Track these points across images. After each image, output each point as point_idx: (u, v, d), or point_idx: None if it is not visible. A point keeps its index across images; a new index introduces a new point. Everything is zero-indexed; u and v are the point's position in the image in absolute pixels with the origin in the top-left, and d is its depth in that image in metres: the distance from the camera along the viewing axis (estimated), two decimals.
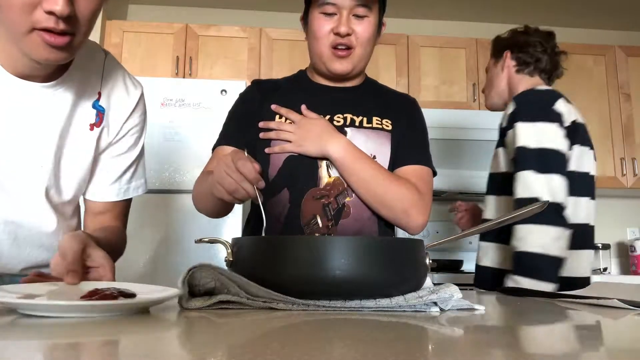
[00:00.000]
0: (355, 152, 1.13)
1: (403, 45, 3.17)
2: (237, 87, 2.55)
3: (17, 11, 0.74)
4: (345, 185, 1.15)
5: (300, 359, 0.38)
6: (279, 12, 3.45)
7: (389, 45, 3.13)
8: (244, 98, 1.28)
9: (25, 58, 0.83)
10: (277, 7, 3.42)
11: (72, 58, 0.85)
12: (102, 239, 0.88)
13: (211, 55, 3.03)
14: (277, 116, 1.20)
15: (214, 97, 2.52)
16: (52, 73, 0.90)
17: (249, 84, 2.86)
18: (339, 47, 1.16)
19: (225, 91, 2.53)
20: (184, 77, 2.96)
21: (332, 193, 1.15)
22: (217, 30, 3.06)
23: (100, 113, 0.98)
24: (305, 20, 1.23)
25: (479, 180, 2.84)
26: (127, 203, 1.09)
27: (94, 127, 0.98)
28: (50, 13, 0.74)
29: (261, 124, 1.19)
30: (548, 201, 1.33)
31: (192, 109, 2.50)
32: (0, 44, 0.85)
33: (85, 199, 1.06)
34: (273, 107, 1.20)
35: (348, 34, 1.14)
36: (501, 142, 1.50)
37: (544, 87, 1.53)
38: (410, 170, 1.18)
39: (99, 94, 0.98)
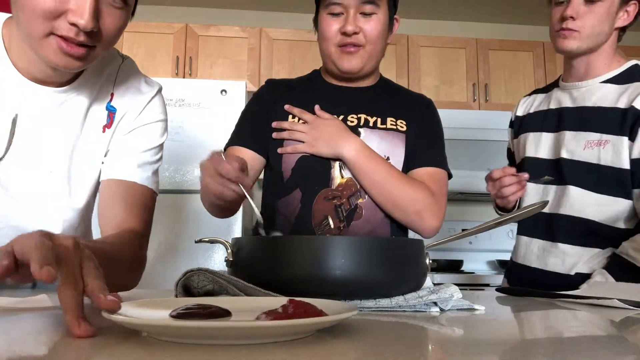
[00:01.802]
0: (369, 153, 1.12)
1: (403, 45, 3.17)
2: (237, 87, 2.55)
3: (39, 15, 0.73)
4: (358, 187, 1.14)
5: (300, 359, 0.38)
6: (279, 12, 3.45)
7: (389, 45, 3.13)
8: (257, 98, 1.27)
9: (42, 63, 0.83)
10: (277, 7, 3.42)
11: (86, 67, 0.85)
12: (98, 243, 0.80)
13: (211, 55, 3.03)
14: (291, 116, 1.19)
15: (214, 97, 2.52)
16: (67, 79, 0.90)
17: (249, 84, 2.87)
18: (347, 46, 1.15)
19: (225, 91, 2.53)
20: (184, 77, 2.96)
21: (344, 194, 1.14)
22: (217, 30, 3.06)
23: (112, 113, 0.96)
24: (316, 22, 1.22)
25: (479, 180, 2.84)
26: (144, 194, 0.97)
27: (106, 128, 0.96)
28: (73, 24, 0.74)
29: (274, 124, 1.18)
30: (547, 201, 1.29)
31: (192, 109, 2.50)
32: (17, 48, 0.85)
33: (100, 191, 0.96)
34: (286, 107, 1.19)
35: (355, 33, 1.13)
36: (626, 130, 1.17)
37: None
38: (424, 172, 1.16)
39: (112, 95, 0.97)
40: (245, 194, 0.85)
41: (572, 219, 1.24)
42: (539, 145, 1.34)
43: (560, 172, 1.28)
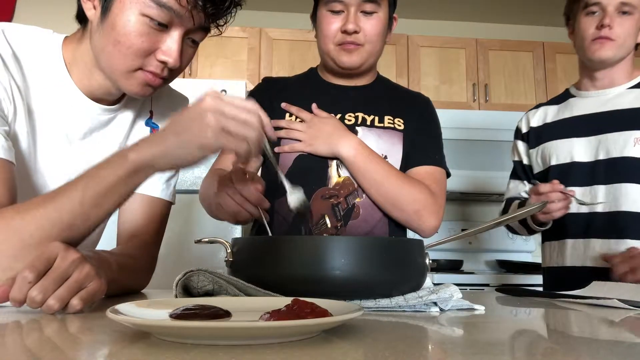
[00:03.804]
0: (367, 152, 1.11)
1: (403, 45, 3.17)
2: (237, 87, 2.55)
3: (134, 52, 0.79)
4: (356, 186, 1.13)
5: (300, 359, 0.38)
6: (279, 12, 3.45)
7: (389, 45, 3.13)
8: (253, 96, 1.26)
9: (105, 85, 0.88)
10: (277, 7, 3.42)
11: None
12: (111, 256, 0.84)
13: (211, 55, 3.03)
14: (288, 114, 1.18)
15: None
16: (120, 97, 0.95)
17: (249, 84, 2.87)
18: (347, 44, 1.14)
19: (225, 91, 2.53)
20: (183, 77, 2.96)
21: (341, 193, 1.13)
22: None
23: (155, 130, 1.01)
24: (314, 18, 1.21)
25: (479, 180, 2.84)
26: (163, 207, 1.05)
27: None
28: (162, 62, 0.82)
29: (271, 122, 1.18)
30: (546, 202, 1.30)
31: None
32: (80, 69, 0.88)
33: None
34: (283, 105, 1.19)
35: (355, 32, 1.13)
36: None
37: None
38: (422, 171, 1.16)
39: (151, 112, 1.01)
40: (263, 216, 0.86)
41: (636, 215, 1.27)
42: (573, 150, 1.38)
43: (605, 171, 1.31)
